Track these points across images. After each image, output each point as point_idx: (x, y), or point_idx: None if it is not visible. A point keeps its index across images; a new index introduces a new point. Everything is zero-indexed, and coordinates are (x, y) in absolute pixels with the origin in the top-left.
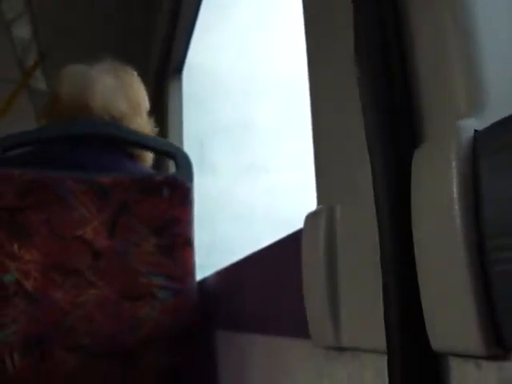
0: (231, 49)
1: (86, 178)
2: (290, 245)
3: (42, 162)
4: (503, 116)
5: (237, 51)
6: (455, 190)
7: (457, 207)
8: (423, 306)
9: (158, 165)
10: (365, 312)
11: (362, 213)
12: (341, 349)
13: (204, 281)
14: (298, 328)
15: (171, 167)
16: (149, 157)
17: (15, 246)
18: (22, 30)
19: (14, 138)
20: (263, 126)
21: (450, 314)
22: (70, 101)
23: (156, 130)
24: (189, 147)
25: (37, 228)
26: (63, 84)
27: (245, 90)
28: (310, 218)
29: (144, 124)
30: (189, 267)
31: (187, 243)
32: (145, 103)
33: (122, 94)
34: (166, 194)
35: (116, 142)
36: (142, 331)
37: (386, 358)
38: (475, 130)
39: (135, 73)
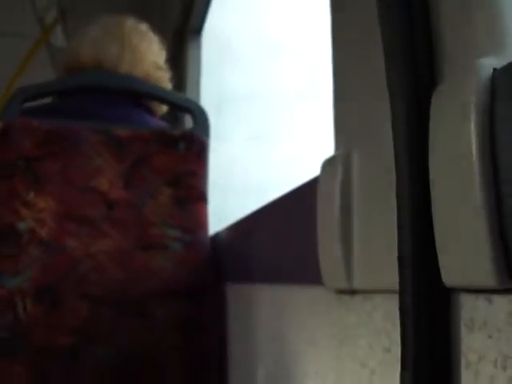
0: (241, 14)
1: (104, 128)
2: (304, 193)
3: (61, 112)
4: None
5: (247, 18)
6: (473, 128)
7: (474, 145)
8: (437, 242)
9: (174, 120)
10: (377, 255)
11: (379, 157)
12: (352, 292)
13: (217, 235)
14: (309, 275)
15: (187, 123)
16: (161, 110)
17: (31, 195)
18: None
19: (32, 89)
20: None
21: (464, 248)
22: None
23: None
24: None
25: (52, 177)
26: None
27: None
28: (326, 164)
29: (159, 78)
30: (202, 220)
31: (201, 197)
32: (151, 54)
33: (110, 39)
34: (182, 147)
35: (134, 95)
36: (153, 282)
37: (395, 299)
38: (494, 69)
39: (142, 26)
